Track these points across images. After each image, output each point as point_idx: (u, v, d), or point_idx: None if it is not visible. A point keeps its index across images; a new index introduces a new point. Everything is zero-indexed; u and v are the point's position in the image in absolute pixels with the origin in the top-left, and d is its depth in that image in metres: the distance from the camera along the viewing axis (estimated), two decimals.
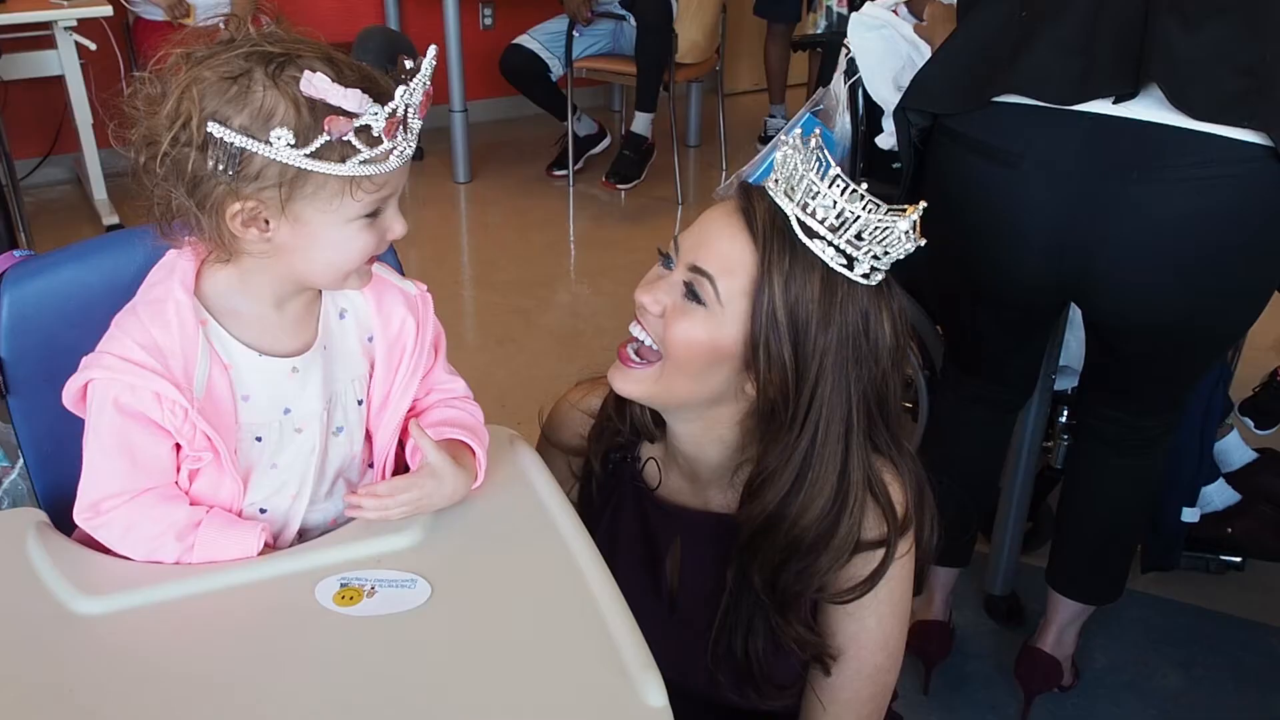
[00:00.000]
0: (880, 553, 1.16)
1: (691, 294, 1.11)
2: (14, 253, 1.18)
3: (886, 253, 1.08)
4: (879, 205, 1.06)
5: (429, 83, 0.96)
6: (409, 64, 0.95)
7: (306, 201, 0.95)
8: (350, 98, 0.91)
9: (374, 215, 0.99)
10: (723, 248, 1.10)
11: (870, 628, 1.20)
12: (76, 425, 1.12)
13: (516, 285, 3.67)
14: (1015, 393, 1.93)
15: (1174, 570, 2.22)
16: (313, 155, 0.92)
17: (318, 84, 0.90)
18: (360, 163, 0.93)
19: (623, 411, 1.27)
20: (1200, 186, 1.42)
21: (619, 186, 4.47)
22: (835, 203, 1.05)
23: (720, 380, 1.14)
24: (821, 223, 1.06)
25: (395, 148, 0.95)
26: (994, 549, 2.18)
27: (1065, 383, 2.14)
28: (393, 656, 0.92)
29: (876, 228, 1.06)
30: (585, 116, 4.62)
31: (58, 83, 3.84)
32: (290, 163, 0.92)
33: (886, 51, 1.88)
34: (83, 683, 0.89)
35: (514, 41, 4.35)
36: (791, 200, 1.08)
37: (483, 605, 0.98)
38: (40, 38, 3.77)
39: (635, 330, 1.17)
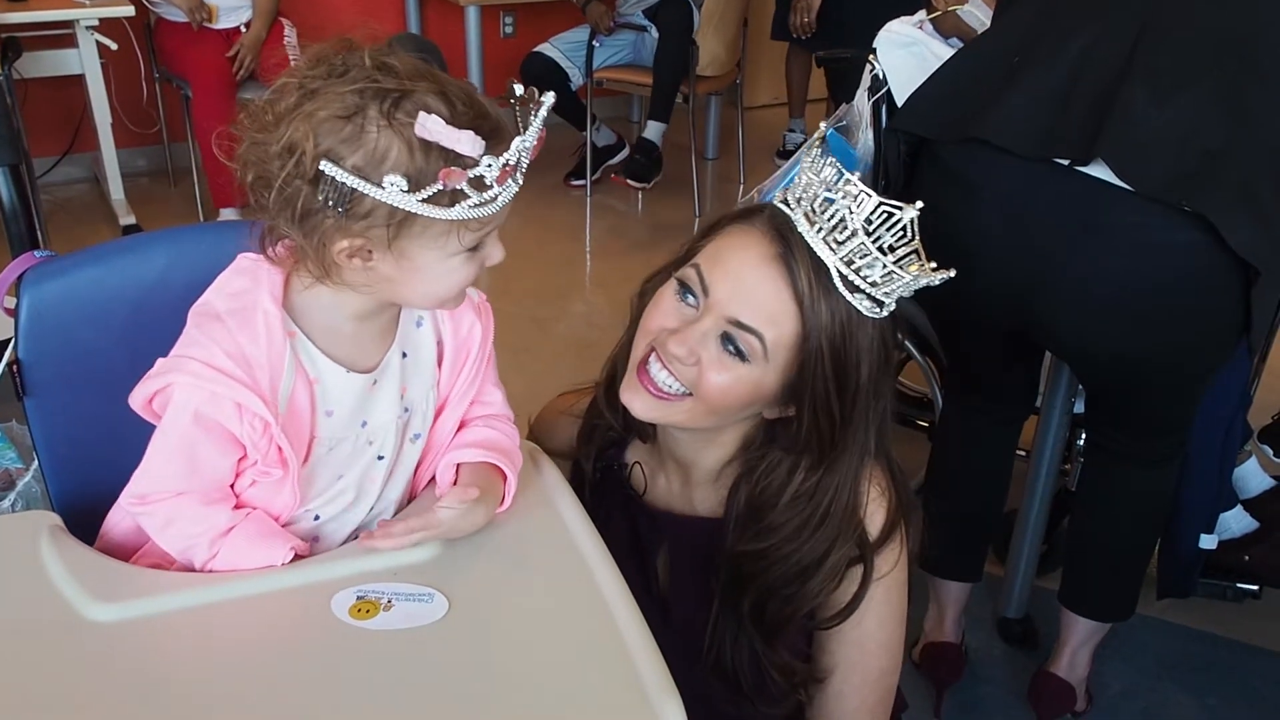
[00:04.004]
0: (860, 570, 1.16)
1: (732, 347, 1.09)
2: (34, 253, 1.17)
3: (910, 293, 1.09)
4: (919, 257, 1.06)
5: (542, 126, 0.95)
6: (519, 90, 0.95)
7: (413, 239, 0.94)
8: (464, 140, 0.89)
9: (475, 248, 0.99)
10: (763, 299, 1.07)
11: (871, 632, 1.19)
12: (93, 429, 1.12)
13: (532, 294, 3.66)
14: (1012, 408, 1.94)
15: (1190, 597, 2.19)
16: (425, 201, 0.91)
17: (431, 127, 0.89)
18: (470, 207, 0.92)
19: (615, 406, 1.23)
20: (1137, 246, 1.47)
21: (633, 184, 4.43)
22: (885, 265, 1.04)
23: (748, 413, 1.14)
24: (865, 279, 1.05)
25: (504, 191, 0.94)
26: (1008, 571, 2.16)
27: (1083, 405, 2.12)
28: (408, 672, 0.91)
29: (915, 281, 1.06)
30: (604, 127, 4.61)
31: (77, 81, 3.84)
32: (401, 206, 0.91)
33: (919, 69, 1.87)
34: (93, 691, 0.88)
35: (535, 49, 4.35)
36: (834, 252, 1.05)
37: (500, 622, 0.97)
38: (61, 36, 3.78)
39: (659, 374, 1.12)
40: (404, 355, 1.09)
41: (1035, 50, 1.53)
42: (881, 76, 2.00)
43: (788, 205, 1.09)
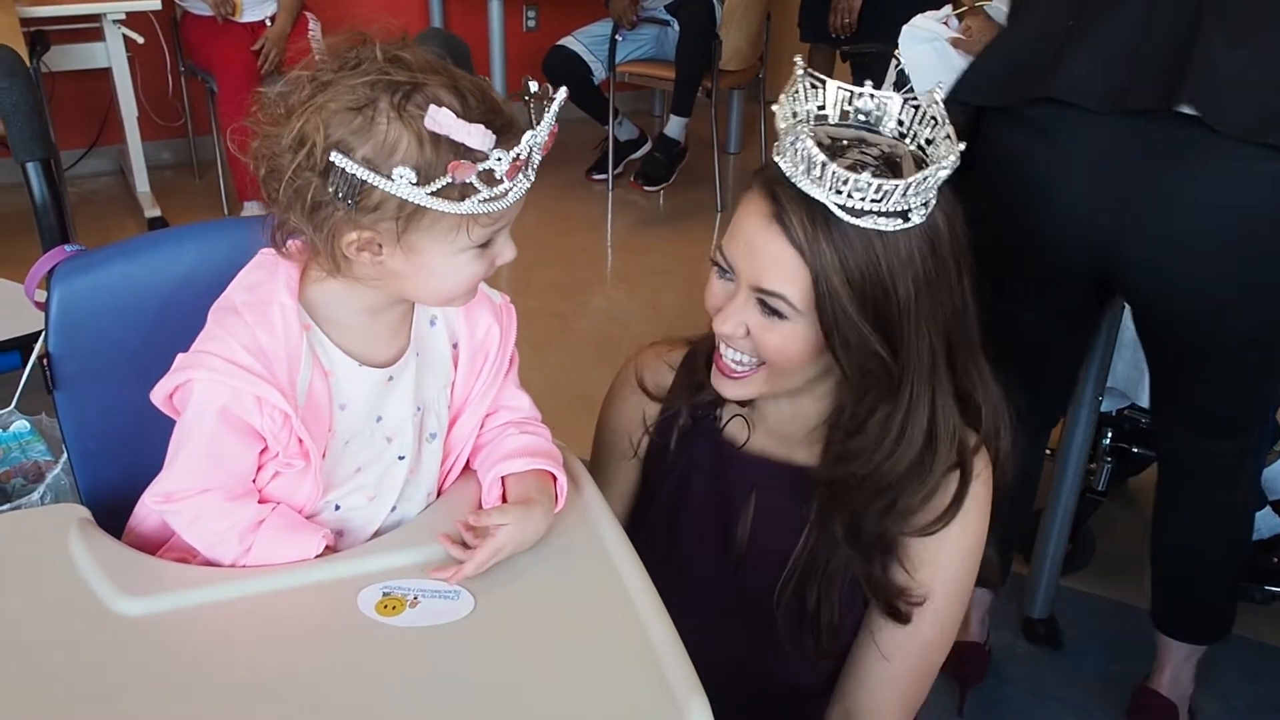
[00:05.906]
0: (956, 475, 1.16)
1: (769, 309, 1.09)
2: (65, 247, 1.17)
3: (939, 184, 1.05)
4: (952, 141, 1.03)
5: (555, 122, 0.95)
6: (534, 87, 0.94)
7: (422, 233, 0.94)
8: (474, 134, 0.89)
9: (486, 245, 0.98)
10: (772, 259, 1.07)
11: (935, 607, 1.19)
12: (122, 422, 1.12)
13: (553, 289, 3.66)
14: (1047, 406, 1.91)
15: None
16: (434, 194, 0.91)
17: (442, 120, 0.89)
18: (480, 201, 0.92)
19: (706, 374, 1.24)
20: (1231, 180, 1.45)
21: (645, 188, 4.48)
22: (871, 182, 1.00)
23: (827, 361, 1.12)
24: (863, 199, 1.02)
25: (515, 186, 0.94)
26: (1034, 571, 2.15)
27: (1111, 404, 2.10)
28: (433, 669, 0.91)
29: (924, 180, 1.02)
30: (626, 121, 4.61)
31: (104, 75, 3.88)
32: (410, 199, 0.91)
33: (939, 64, 1.86)
34: (120, 684, 0.88)
35: (558, 43, 4.35)
36: (821, 186, 1.02)
37: (526, 620, 0.97)
38: (88, 30, 3.80)
39: (727, 353, 1.14)
40: (416, 354, 1.09)
41: (1092, 6, 1.50)
42: (905, 71, 1.99)
43: (781, 155, 1.08)
